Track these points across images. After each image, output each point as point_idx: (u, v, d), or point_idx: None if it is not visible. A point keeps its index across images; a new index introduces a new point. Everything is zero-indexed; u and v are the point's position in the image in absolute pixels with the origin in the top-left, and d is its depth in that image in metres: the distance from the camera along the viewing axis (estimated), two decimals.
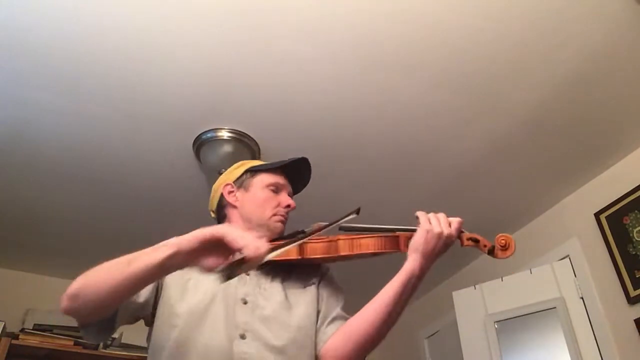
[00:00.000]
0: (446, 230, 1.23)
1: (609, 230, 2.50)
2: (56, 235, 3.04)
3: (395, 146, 2.42)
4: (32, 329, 2.94)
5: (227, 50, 1.94)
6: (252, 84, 2.08)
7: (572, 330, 2.46)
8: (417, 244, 1.22)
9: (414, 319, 3.43)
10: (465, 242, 1.29)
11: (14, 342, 2.76)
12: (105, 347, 3.08)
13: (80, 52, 1.92)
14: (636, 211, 2.39)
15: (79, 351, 2.92)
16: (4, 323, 2.83)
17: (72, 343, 2.93)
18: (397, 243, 1.25)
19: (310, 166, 1.47)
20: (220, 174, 2.37)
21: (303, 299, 1.27)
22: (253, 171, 1.43)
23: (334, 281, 1.38)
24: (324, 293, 1.32)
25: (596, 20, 1.84)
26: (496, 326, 2.69)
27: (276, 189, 1.40)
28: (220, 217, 1.42)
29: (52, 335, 2.93)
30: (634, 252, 2.36)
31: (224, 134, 2.30)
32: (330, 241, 1.27)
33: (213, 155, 2.35)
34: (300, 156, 1.44)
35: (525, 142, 2.41)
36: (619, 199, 2.48)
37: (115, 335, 3.13)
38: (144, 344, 1.25)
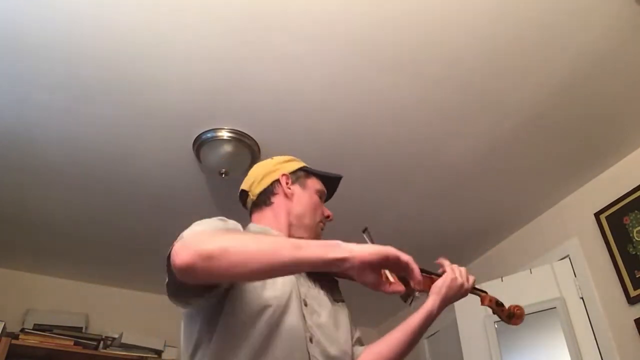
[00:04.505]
0: (466, 284, 1.35)
1: (609, 230, 2.50)
2: (56, 235, 3.04)
3: (395, 145, 2.42)
4: (32, 329, 2.94)
5: (227, 51, 1.94)
6: (252, 84, 2.08)
7: (572, 330, 2.46)
8: (441, 287, 1.31)
9: None
10: (487, 303, 1.47)
11: (14, 342, 2.76)
12: (105, 347, 3.08)
13: (79, 52, 1.92)
14: (636, 211, 2.39)
15: (79, 351, 2.93)
16: (4, 323, 2.84)
17: (72, 343, 2.94)
18: (428, 285, 1.33)
19: (338, 185, 1.51)
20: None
21: (342, 314, 1.29)
22: (307, 171, 1.43)
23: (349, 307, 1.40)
24: (349, 313, 1.34)
25: (596, 20, 1.84)
26: (496, 326, 2.69)
27: (320, 197, 1.42)
28: (262, 203, 1.37)
29: (52, 335, 2.94)
30: (634, 252, 2.36)
31: (224, 134, 2.30)
32: None
33: (213, 155, 2.35)
34: (339, 174, 1.49)
35: (525, 141, 2.41)
36: (619, 199, 2.48)
37: (115, 335, 3.13)
38: (144, 344, 1.25)
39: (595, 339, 2.41)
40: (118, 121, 2.24)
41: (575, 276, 2.60)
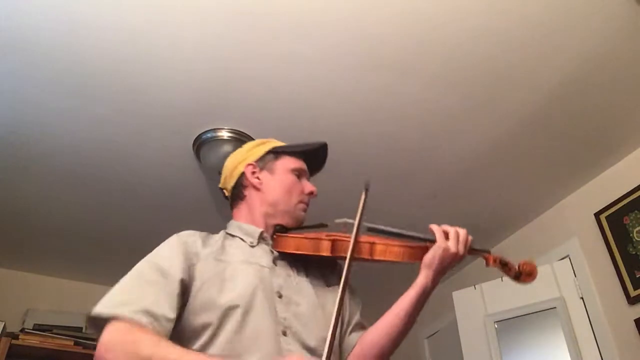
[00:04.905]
0: (462, 250, 1.23)
1: (609, 230, 2.50)
2: (56, 235, 3.04)
3: (395, 146, 2.42)
4: (32, 329, 2.94)
5: (227, 51, 1.94)
6: (252, 84, 2.08)
7: (572, 330, 2.46)
8: (432, 260, 1.20)
9: None
10: (492, 264, 1.31)
11: (14, 342, 2.76)
12: None
13: (80, 52, 1.92)
14: (636, 211, 2.39)
15: (79, 351, 2.93)
16: (4, 323, 2.83)
17: (72, 343, 2.94)
18: (421, 255, 1.22)
19: (327, 152, 1.41)
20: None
21: (330, 299, 1.21)
22: (276, 153, 1.36)
23: (352, 284, 1.32)
24: (346, 296, 1.26)
25: (596, 20, 1.84)
26: (496, 326, 2.69)
27: (299, 174, 1.34)
28: (237, 197, 1.34)
29: (52, 335, 2.93)
30: (634, 252, 2.36)
31: (224, 134, 2.30)
32: (364, 243, 1.22)
33: (213, 155, 2.35)
34: (321, 141, 1.39)
35: (525, 142, 2.41)
36: (619, 199, 2.48)
37: None
38: None
39: (595, 339, 2.41)
40: (118, 121, 2.24)
41: (575, 276, 2.60)
